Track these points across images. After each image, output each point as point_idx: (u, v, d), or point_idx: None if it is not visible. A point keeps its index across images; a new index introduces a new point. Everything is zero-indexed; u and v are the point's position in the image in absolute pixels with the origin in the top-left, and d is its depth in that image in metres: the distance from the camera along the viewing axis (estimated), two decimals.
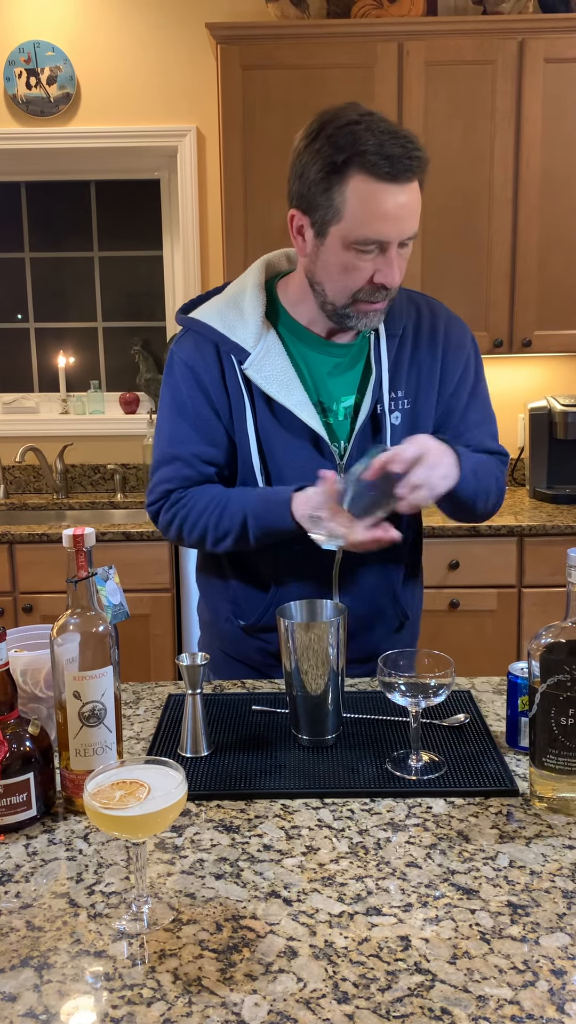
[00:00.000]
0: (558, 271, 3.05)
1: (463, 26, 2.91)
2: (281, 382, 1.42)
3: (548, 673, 1.06)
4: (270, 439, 1.45)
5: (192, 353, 1.46)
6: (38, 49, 3.25)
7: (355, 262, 1.32)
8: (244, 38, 2.91)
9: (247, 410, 1.44)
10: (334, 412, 1.46)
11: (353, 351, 1.47)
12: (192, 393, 1.46)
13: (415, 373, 1.48)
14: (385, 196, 1.27)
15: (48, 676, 1.23)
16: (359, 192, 1.28)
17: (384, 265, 1.32)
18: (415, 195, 1.30)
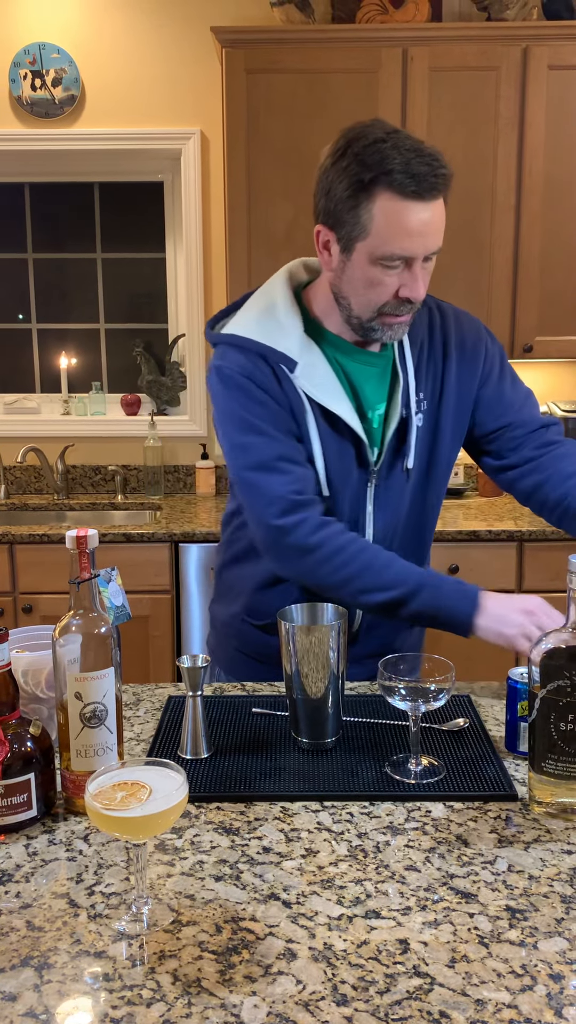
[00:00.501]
0: (560, 277, 3.06)
1: (467, 32, 2.92)
2: (331, 391, 1.44)
3: (548, 678, 1.07)
4: (326, 446, 1.46)
5: (245, 364, 1.43)
6: (43, 51, 3.26)
7: (381, 277, 1.35)
8: (249, 42, 2.92)
9: (309, 417, 1.44)
10: (370, 420, 1.48)
11: (384, 358, 1.50)
12: (262, 398, 1.43)
13: (431, 374, 1.51)
14: (411, 213, 1.30)
15: (49, 677, 1.23)
16: (386, 210, 1.30)
17: (410, 280, 1.34)
18: (440, 211, 1.33)
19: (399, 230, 1.30)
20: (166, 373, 3.56)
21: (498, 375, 1.56)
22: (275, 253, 3.01)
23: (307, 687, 1.24)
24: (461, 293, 3.05)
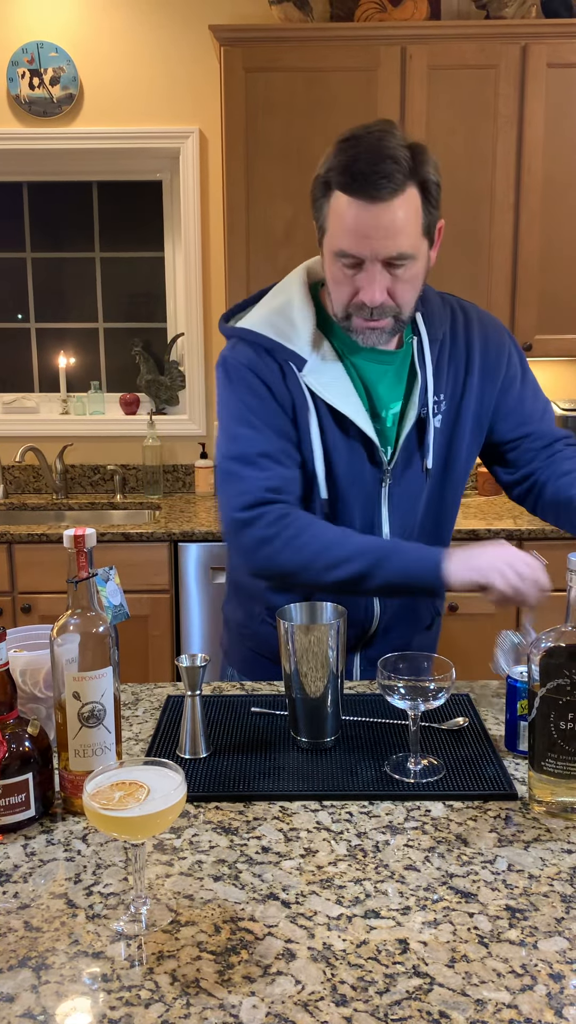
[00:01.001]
0: (559, 276, 3.05)
1: (466, 30, 2.92)
2: (339, 390, 1.43)
3: (547, 677, 1.07)
4: (329, 447, 1.45)
5: (252, 358, 1.44)
6: (41, 50, 3.26)
7: (339, 275, 1.36)
8: (247, 40, 2.91)
9: (311, 416, 1.43)
10: (383, 419, 1.47)
11: (399, 357, 1.49)
12: (262, 394, 1.44)
13: (452, 375, 1.50)
14: (355, 213, 1.30)
15: (47, 676, 1.23)
16: (335, 206, 1.32)
17: (364, 282, 1.34)
18: (395, 215, 1.29)
19: (344, 229, 1.31)
20: (165, 372, 3.56)
21: (520, 384, 1.55)
22: (274, 252, 3.01)
23: (306, 686, 1.24)
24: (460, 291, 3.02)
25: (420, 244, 1.34)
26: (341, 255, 1.33)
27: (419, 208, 1.32)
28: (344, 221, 1.31)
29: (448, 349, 1.50)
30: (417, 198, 1.31)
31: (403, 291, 1.36)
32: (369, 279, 1.33)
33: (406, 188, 1.29)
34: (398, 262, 1.32)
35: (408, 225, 1.31)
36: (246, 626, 1.63)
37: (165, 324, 3.61)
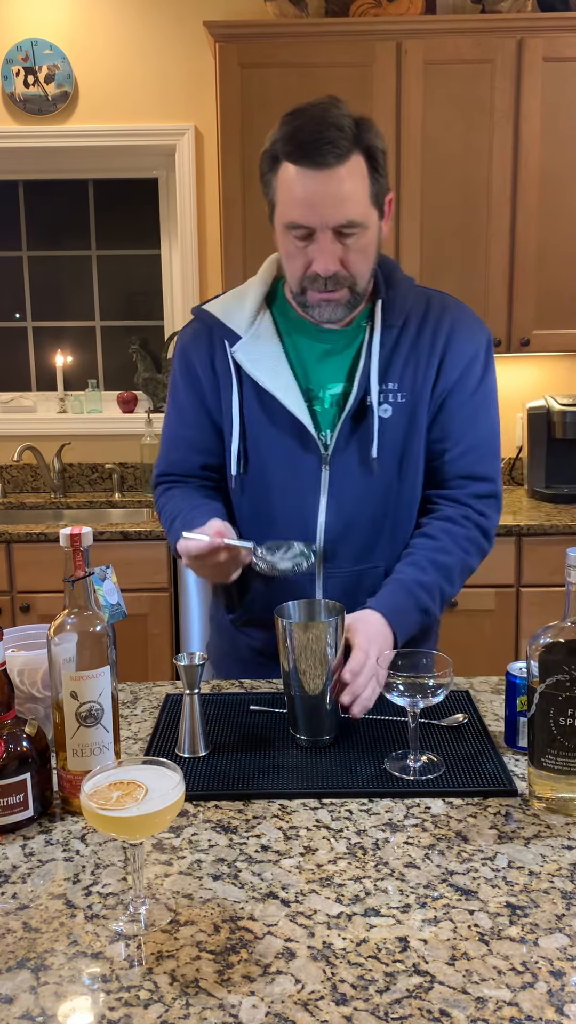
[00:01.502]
0: (557, 270, 3.05)
1: (462, 25, 2.91)
2: (268, 366, 1.44)
3: (547, 673, 1.06)
4: (254, 426, 1.46)
5: (189, 337, 1.53)
6: (36, 47, 3.25)
7: (291, 248, 1.37)
8: (242, 36, 2.90)
9: (233, 393, 1.46)
10: (320, 399, 1.45)
11: (344, 338, 1.46)
12: (184, 377, 1.52)
13: (412, 367, 1.45)
14: (300, 181, 1.30)
15: (45, 676, 1.22)
16: (282, 177, 1.33)
17: (315, 252, 1.34)
18: (343, 182, 1.29)
19: (291, 199, 1.32)
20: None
21: (468, 396, 1.46)
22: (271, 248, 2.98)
23: (305, 684, 1.23)
24: (457, 286, 3.03)
25: (370, 213, 1.34)
26: (292, 227, 1.34)
27: (366, 176, 1.32)
28: (292, 191, 1.31)
29: (411, 340, 1.45)
30: (363, 165, 1.31)
31: (356, 261, 1.35)
32: (320, 249, 1.33)
33: (351, 155, 1.29)
34: (348, 230, 1.32)
35: (356, 192, 1.31)
36: (214, 619, 1.65)
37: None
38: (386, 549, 1.48)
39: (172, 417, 1.57)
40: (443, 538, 1.45)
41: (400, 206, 3.00)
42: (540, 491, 3.22)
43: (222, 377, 1.47)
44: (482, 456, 1.50)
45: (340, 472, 1.44)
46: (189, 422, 1.53)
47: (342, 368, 1.46)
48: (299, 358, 1.46)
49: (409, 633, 1.40)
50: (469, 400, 1.47)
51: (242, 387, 1.46)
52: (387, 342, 1.44)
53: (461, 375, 1.46)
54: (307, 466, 1.44)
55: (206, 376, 1.49)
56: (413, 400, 1.45)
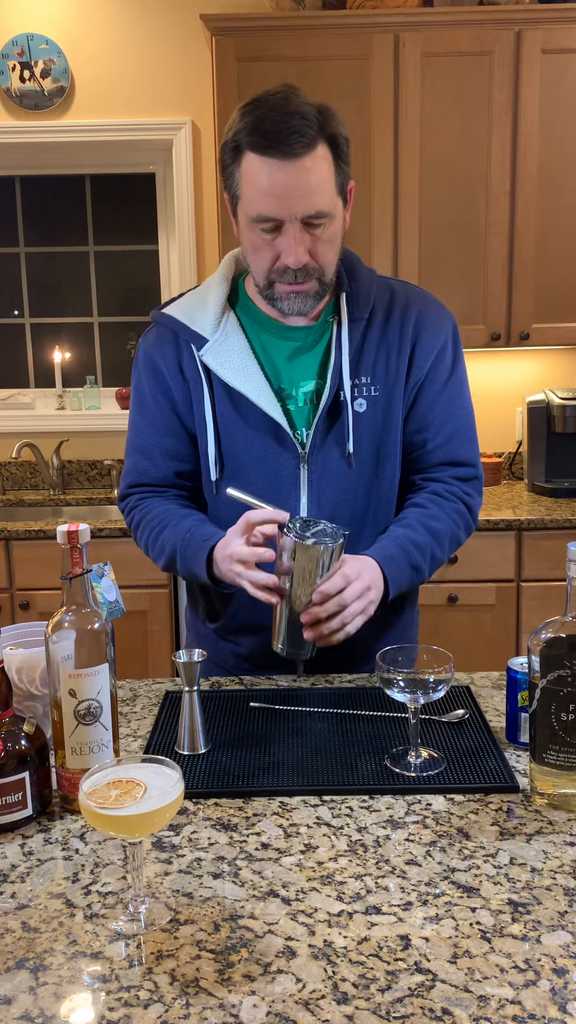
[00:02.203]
0: (556, 263, 3.03)
1: (460, 17, 2.89)
2: (238, 368, 1.41)
3: (548, 668, 1.05)
4: (228, 429, 1.44)
5: (152, 343, 1.49)
6: (31, 42, 3.23)
7: (258, 241, 1.34)
8: (239, 30, 2.89)
9: (205, 398, 1.44)
10: (294, 398, 1.44)
11: (313, 334, 1.45)
12: (151, 383, 1.49)
13: (383, 360, 1.44)
14: (267, 172, 1.28)
15: (43, 674, 1.22)
16: (246, 169, 1.30)
17: (284, 244, 1.32)
18: (310, 172, 1.27)
19: (257, 190, 1.29)
20: None
21: (441, 386, 1.46)
22: None
23: (294, 600, 1.26)
24: (456, 280, 3.03)
25: (336, 203, 1.33)
26: (259, 220, 1.31)
27: (331, 165, 1.31)
28: (259, 183, 1.28)
29: (379, 332, 1.44)
30: (328, 155, 1.30)
31: (324, 251, 1.34)
32: (289, 241, 1.31)
33: (317, 145, 1.28)
34: (316, 221, 1.31)
35: (323, 182, 1.30)
36: (193, 625, 1.63)
37: None
38: (370, 542, 1.46)
39: (141, 425, 1.51)
40: (432, 507, 1.46)
41: (398, 199, 2.98)
42: (540, 485, 3.21)
43: (192, 382, 1.45)
44: (461, 443, 1.49)
45: (319, 470, 1.43)
46: (161, 429, 1.49)
47: (313, 365, 1.45)
48: (268, 358, 1.44)
49: (399, 586, 1.38)
50: (444, 389, 1.47)
51: (213, 391, 1.44)
52: (355, 336, 1.43)
53: (433, 364, 1.46)
54: (285, 466, 1.43)
55: (175, 381, 1.47)
56: (387, 393, 1.44)
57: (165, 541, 1.45)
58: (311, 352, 1.45)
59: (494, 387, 3.42)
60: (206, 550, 1.38)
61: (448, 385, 1.47)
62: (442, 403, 1.47)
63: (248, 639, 1.50)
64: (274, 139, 1.26)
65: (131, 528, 1.54)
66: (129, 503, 1.54)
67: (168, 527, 1.45)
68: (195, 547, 1.40)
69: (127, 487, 1.54)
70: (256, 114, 1.28)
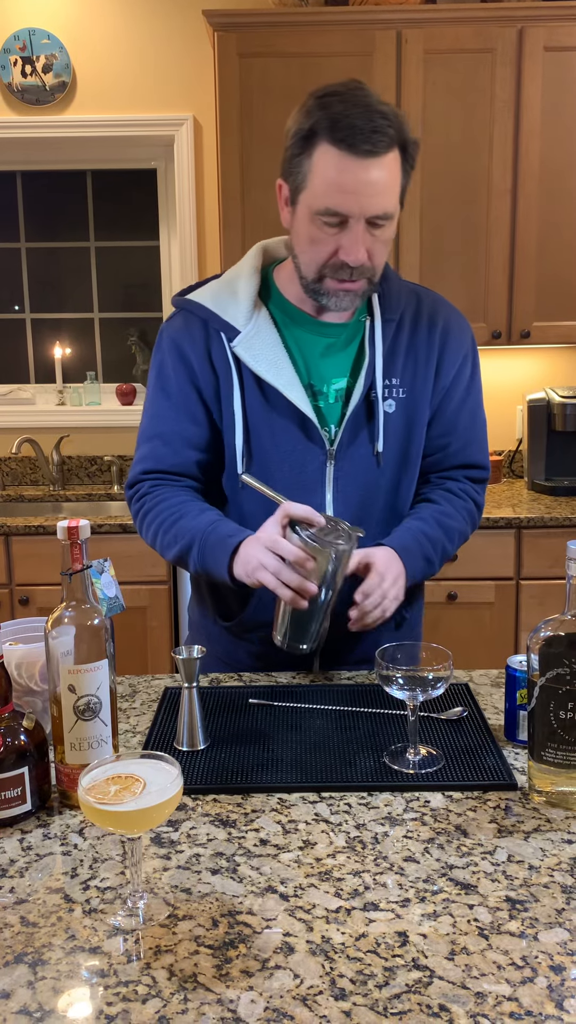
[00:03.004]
0: (557, 261, 3.03)
1: (462, 14, 2.89)
2: (270, 361, 1.40)
3: (547, 666, 1.06)
4: (257, 422, 1.43)
5: (180, 329, 1.46)
6: (33, 37, 3.23)
7: (319, 234, 1.32)
8: (241, 25, 2.88)
9: (235, 389, 1.42)
10: (325, 395, 1.44)
11: (347, 332, 1.45)
12: (176, 369, 1.45)
13: (411, 362, 1.46)
14: (346, 167, 1.26)
15: (43, 669, 1.22)
16: (322, 160, 1.28)
17: (346, 241, 1.30)
18: (384, 173, 1.27)
19: (330, 184, 1.27)
20: None
21: (464, 392, 1.51)
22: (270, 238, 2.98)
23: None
24: (457, 278, 3.02)
25: (397, 206, 1.33)
26: (325, 213, 1.29)
27: (400, 168, 1.31)
28: (332, 177, 1.27)
29: (408, 336, 1.46)
30: (398, 158, 1.30)
31: (379, 252, 1.34)
32: (353, 238, 1.30)
33: (393, 147, 1.28)
34: (380, 221, 1.30)
35: (393, 184, 1.30)
36: (203, 625, 1.60)
37: (161, 313, 3.59)
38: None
39: (163, 411, 1.47)
40: (445, 504, 1.51)
41: None
42: (540, 483, 3.21)
43: (221, 372, 1.43)
44: (479, 448, 1.56)
45: (345, 467, 1.44)
46: (184, 416, 1.45)
47: (346, 363, 1.45)
48: (301, 353, 1.44)
49: (413, 577, 1.43)
50: (467, 397, 1.52)
51: (243, 382, 1.42)
52: (388, 336, 1.44)
53: (458, 372, 1.50)
54: (312, 462, 1.43)
55: (202, 370, 1.44)
56: (414, 396, 1.46)
57: (182, 531, 1.40)
58: (344, 350, 1.45)
59: (495, 385, 3.42)
60: (231, 547, 1.33)
61: (470, 393, 1.53)
62: (466, 410, 1.52)
63: (266, 636, 1.49)
64: (358, 135, 1.24)
65: (137, 515, 1.48)
66: (140, 489, 1.48)
67: (186, 517, 1.41)
68: (218, 541, 1.36)
69: (140, 473, 1.48)
70: (339, 108, 1.25)
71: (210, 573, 1.38)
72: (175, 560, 1.44)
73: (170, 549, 1.43)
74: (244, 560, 1.30)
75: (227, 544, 1.34)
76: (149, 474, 1.48)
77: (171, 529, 1.42)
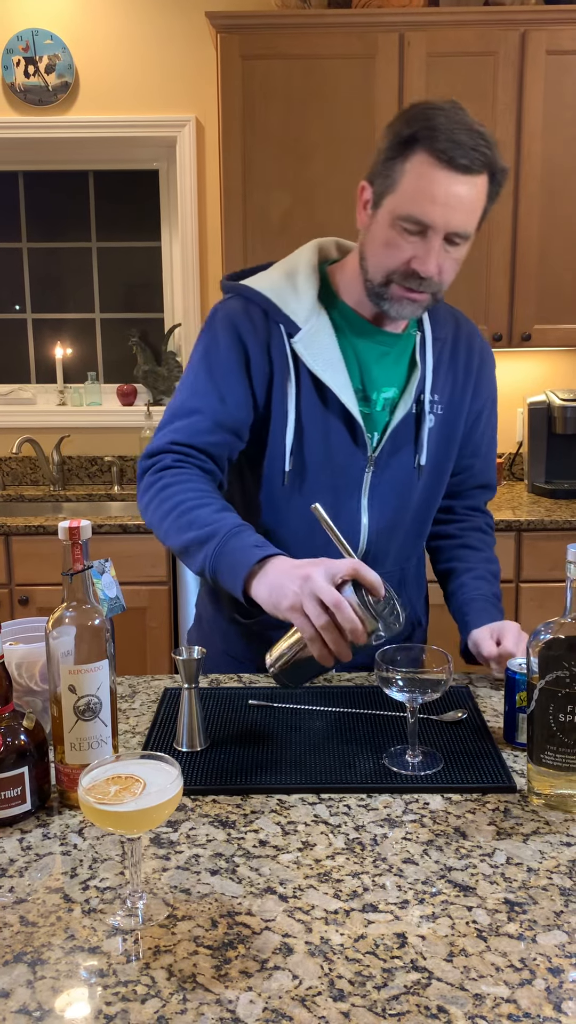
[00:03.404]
0: (558, 264, 3.03)
1: (465, 17, 2.89)
2: (327, 362, 1.40)
3: (546, 669, 1.06)
4: (308, 420, 1.41)
5: (239, 313, 1.42)
6: (36, 37, 3.23)
7: (397, 240, 1.32)
8: (244, 27, 2.89)
9: (291, 385, 1.40)
10: (373, 402, 1.45)
11: (400, 344, 1.47)
12: (230, 351, 1.41)
13: (451, 381, 1.49)
14: (440, 178, 1.27)
15: (43, 669, 1.22)
16: (416, 168, 1.28)
17: (423, 251, 1.31)
18: (474, 192, 1.29)
19: (422, 192, 1.28)
20: (162, 363, 3.54)
21: (487, 415, 1.58)
22: (271, 241, 2.99)
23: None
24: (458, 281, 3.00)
25: (475, 228, 1.34)
26: (408, 219, 1.29)
27: (486, 193, 1.32)
28: (425, 187, 1.27)
29: (449, 355, 1.50)
30: (487, 183, 1.31)
31: (449, 270, 1.35)
32: (430, 249, 1.31)
33: (486, 170, 1.30)
34: (457, 239, 1.32)
35: (478, 205, 1.31)
36: (215, 622, 1.58)
37: (162, 314, 3.60)
38: (415, 551, 1.58)
39: (206, 388, 1.39)
40: (486, 549, 1.62)
41: None
42: (540, 486, 3.21)
43: (278, 364, 1.41)
44: (493, 468, 1.64)
45: (383, 476, 1.46)
46: (229, 399, 1.39)
47: (397, 373, 1.47)
48: (356, 357, 1.44)
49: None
50: (490, 420, 1.59)
51: (299, 379, 1.41)
52: (436, 352, 1.48)
53: (488, 397, 1.57)
54: (353, 466, 1.44)
55: (258, 358, 1.40)
56: (451, 415, 1.50)
57: (201, 520, 1.28)
58: (397, 361, 1.47)
59: None
60: (255, 558, 1.22)
61: (492, 417, 1.60)
62: (489, 432, 1.60)
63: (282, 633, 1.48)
64: (458, 149, 1.26)
65: (151, 488, 1.36)
66: (163, 461, 1.37)
67: (209, 508, 1.30)
68: (242, 547, 1.24)
69: (169, 443, 1.38)
70: (443, 120, 1.27)
71: (218, 577, 1.26)
72: (179, 549, 1.31)
73: (179, 535, 1.30)
74: (274, 586, 1.17)
75: (252, 554, 1.22)
76: (178, 446, 1.38)
77: (188, 514, 1.30)
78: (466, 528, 1.63)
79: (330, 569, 1.13)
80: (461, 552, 1.60)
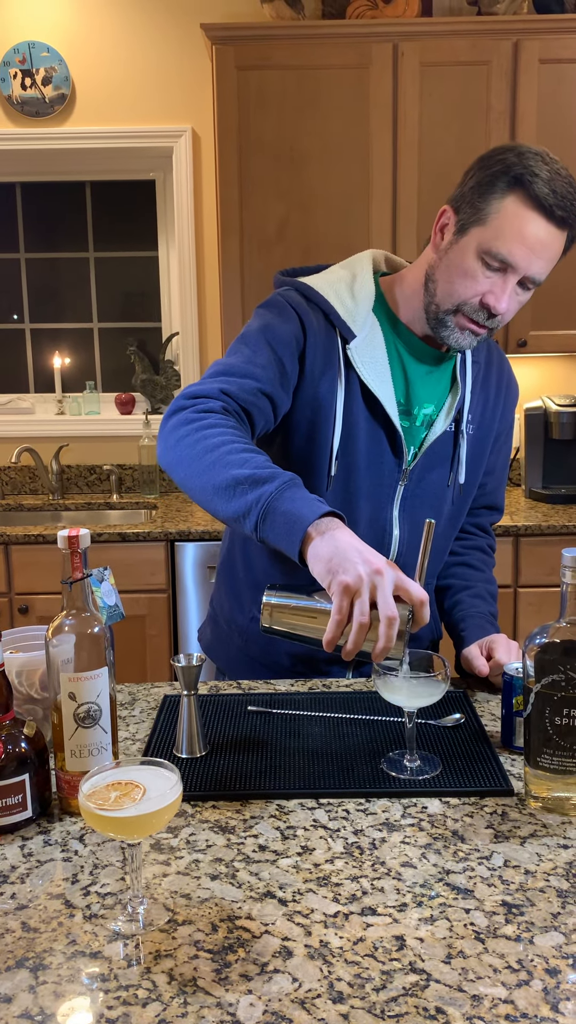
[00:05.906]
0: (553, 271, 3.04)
1: (458, 27, 2.92)
2: (378, 373, 1.43)
3: (543, 673, 1.07)
4: (353, 426, 1.43)
5: (304, 305, 1.43)
6: (33, 49, 3.25)
7: (476, 272, 1.34)
8: (239, 39, 2.91)
9: (340, 389, 1.41)
10: (414, 416, 1.47)
11: (444, 363, 1.50)
12: (289, 335, 1.39)
13: (481, 403, 1.53)
14: (534, 223, 1.31)
15: (43, 677, 1.23)
16: (513, 207, 1.31)
17: (498, 288, 1.34)
18: (556, 244, 1.33)
19: (514, 232, 1.31)
20: (160, 372, 3.56)
21: (504, 438, 1.62)
22: (268, 250, 3.01)
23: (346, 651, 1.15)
24: None
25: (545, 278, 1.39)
26: (493, 255, 1.32)
27: (563, 248, 1.37)
28: (519, 228, 1.31)
29: (483, 378, 1.53)
30: (565, 239, 1.35)
31: (513, 311, 1.39)
32: (505, 287, 1.34)
33: (569, 226, 1.34)
34: (530, 285, 1.37)
35: (557, 256, 1.36)
36: (233, 621, 1.58)
37: (160, 324, 3.61)
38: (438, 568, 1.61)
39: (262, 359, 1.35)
40: (486, 570, 1.65)
41: (396, 208, 3.00)
42: (537, 492, 3.23)
43: (330, 365, 1.41)
44: (503, 490, 1.69)
45: (414, 490, 1.48)
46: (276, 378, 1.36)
47: (438, 391, 1.49)
48: (405, 373, 1.46)
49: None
50: (506, 444, 1.63)
51: (348, 385, 1.42)
52: (473, 373, 1.52)
53: (508, 422, 1.61)
54: (388, 477, 1.46)
55: (314, 352, 1.40)
56: (481, 435, 1.54)
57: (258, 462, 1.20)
58: (439, 379, 1.49)
59: None
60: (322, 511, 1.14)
61: (510, 439, 1.65)
62: (504, 455, 1.64)
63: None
64: (558, 201, 1.29)
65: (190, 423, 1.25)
66: (209, 404, 1.28)
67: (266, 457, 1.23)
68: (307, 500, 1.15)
69: (218, 391, 1.30)
70: (545, 169, 1.30)
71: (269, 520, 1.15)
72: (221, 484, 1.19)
73: (226, 470, 1.18)
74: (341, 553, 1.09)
75: (317, 507, 1.14)
76: (228, 397, 1.31)
77: (241, 454, 1.20)
78: (469, 547, 1.65)
79: (401, 581, 1.09)
80: (461, 570, 1.63)
